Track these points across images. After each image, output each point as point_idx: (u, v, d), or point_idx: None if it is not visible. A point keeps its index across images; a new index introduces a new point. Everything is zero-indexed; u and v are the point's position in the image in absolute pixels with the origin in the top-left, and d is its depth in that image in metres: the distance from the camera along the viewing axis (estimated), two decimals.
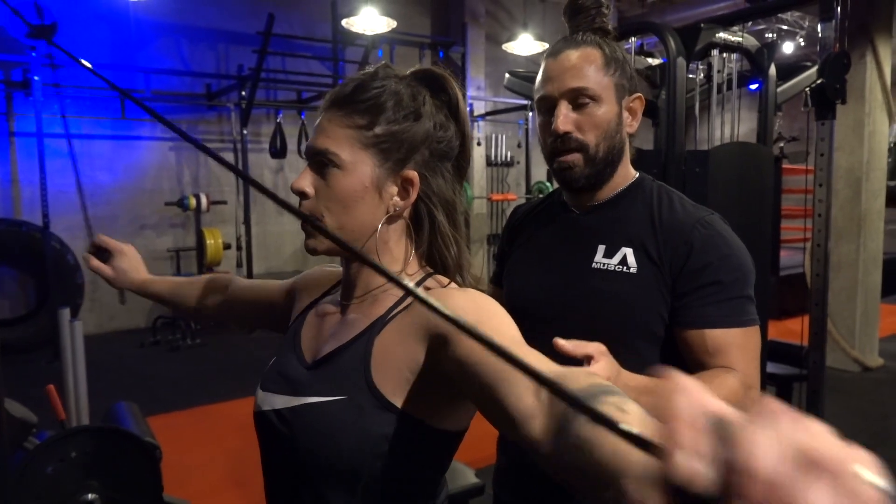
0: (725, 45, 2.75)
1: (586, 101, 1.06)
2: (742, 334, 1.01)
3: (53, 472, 1.17)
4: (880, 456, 0.31)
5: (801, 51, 8.33)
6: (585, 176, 1.09)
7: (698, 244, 1.03)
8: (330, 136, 0.76)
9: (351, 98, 0.77)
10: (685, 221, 1.06)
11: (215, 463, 3.28)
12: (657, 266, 1.05)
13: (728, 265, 1.02)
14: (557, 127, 1.06)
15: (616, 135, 1.09)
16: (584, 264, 1.10)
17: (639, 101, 1.13)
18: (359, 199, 0.76)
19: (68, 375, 2.04)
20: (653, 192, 1.12)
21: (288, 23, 6.89)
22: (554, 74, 1.08)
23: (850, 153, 4.83)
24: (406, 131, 0.77)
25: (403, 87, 0.78)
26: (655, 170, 2.46)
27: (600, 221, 1.13)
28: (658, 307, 1.06)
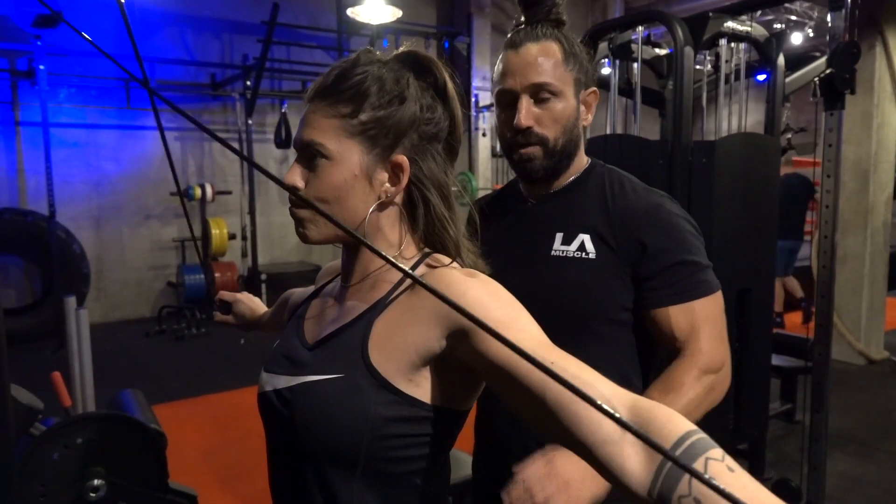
0: (733, 34, 2.72)
1: (547, 96, 1.08)
2: (703, 304, 1.06)
3: (59, 458, 1.18)
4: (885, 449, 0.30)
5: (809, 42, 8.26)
6: (544, 168, 1.12)
7: (653, 231, 1.07)
8: (315, 127, 0.76)
9: (334, 87, 0.76)
10: (637, 208, 1.09)
11: (220, 451, 3.30)
12: (613, 251, 1.09)
13: (684, 245, 1.07)
14: (520, 122, 1.08)
15: (574, 128, 1.12)
16: (543, 252, 1.13)
17: (594, 95, 1.16)
18: (349, 189, 0.76)
19: (74, 363, 2.05)
20: (604, 178, 1.16)
21: (293, 12, 6.87)
22: (515, 68, 1.09)
23: (857, 145, 4.80)
24: (391, 116, 0.76)
25: (386, 72, 0.77)
26: (661, 160, 2.45)
27: (556, 210, 1.16)
28: (618, 291, 1.09)
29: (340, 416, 0.72)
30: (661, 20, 2.55)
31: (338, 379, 0.74)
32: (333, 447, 0.73)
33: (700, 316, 1.06)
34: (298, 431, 0.75)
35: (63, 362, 2.12)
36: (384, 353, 0.73)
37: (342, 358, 0.75)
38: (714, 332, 1.06)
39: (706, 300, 1.07)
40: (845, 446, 3.35)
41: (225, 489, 2.94)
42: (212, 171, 7.01)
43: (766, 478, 2.97)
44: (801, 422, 2.62)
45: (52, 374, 1.58)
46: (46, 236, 5.44)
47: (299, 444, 0.76)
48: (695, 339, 1.05)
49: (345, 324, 0.78)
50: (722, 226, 2.30)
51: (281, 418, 0.78)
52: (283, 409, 0.78)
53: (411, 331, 0.73)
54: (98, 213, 6.43)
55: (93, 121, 6.36)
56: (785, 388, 3.65)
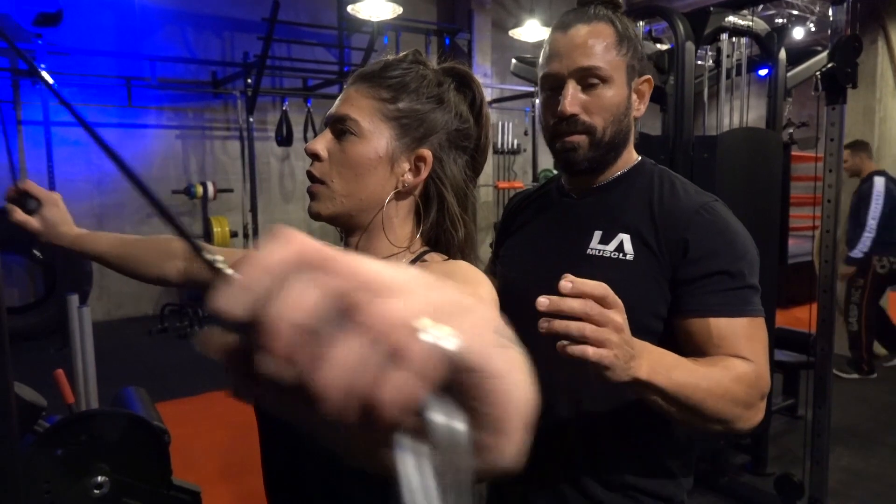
0: (735, 29, 2.72)
1: (595, 81, 0.99)
2: (748, 324, 0.94)
3: (63, 455, 1.18)
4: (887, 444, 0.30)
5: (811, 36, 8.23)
6: (588, 159, 1.03)
7: (701, 231, 0.97)
8: (353, 104, 0.78)
9: (379, 73, 0.79)
10: (686, 208, 1.00)
11: (223, 448, 3.31)
12: (654, 254, 0.99)
13: (733, 253, 0.96)
14: (564, 108, 0.99)
15: (624, 118, 1.03)
16: (578, 250, 1.05)
17: (647, 84, 1.07)
18: (370, 169, 0.77)
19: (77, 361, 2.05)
20: (653, 177, 1.07)
21: (293, 10, 6.86)
22: (563, 50, 1.00)
23: None
24: (428, 112, 0.78)
25: (430, 74, 0.81)
26: (663, 156, 2.44)
27: (597, 206, 1.07)
28: (654, 297, 0.99)
29: None
30: (663, 15, 2.55)
31: None
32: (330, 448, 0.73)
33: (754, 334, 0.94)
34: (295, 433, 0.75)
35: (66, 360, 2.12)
36: None
37: None
38: (767, 356, 0.94)
39: (757, 321, 0.95)
40: (848, 441, 3.35)
41: (228, 485, 2.95)
42: (213, 168, 7.01)
43: (769, 473, 2.98)
44: (803, 417, 2.62)
45: (56, 372, 1.58)
46: None
47: (294, 446, 0.76)
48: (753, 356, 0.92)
49: None
50: None
51: (276, 422, 0.78)
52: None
53: None
54: (100, 211, 6.44)
55: (94, 119, 6.36)
56: (787, 383, 3.65)
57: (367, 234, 0.81)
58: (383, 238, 0.79)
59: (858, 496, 2.86)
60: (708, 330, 0.94)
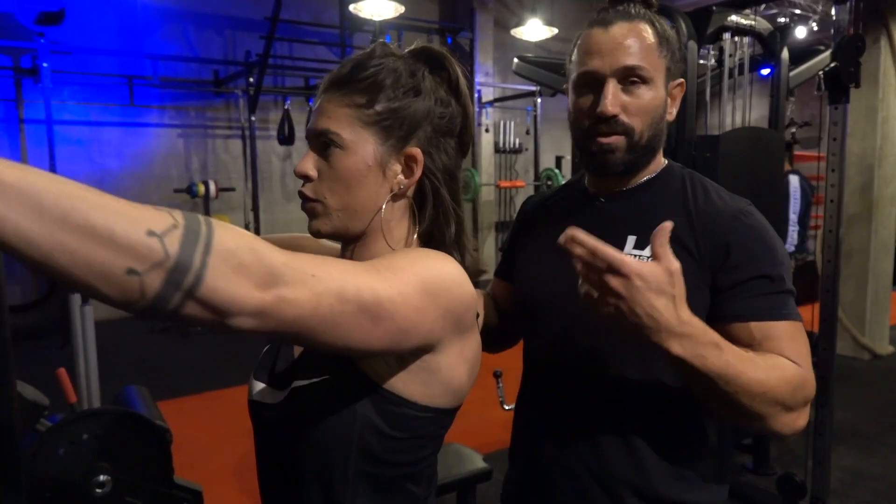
0: (737, 28, 2.71)
1: (637, 81, 0.96)
2: (791, 328, 0.92)
3: (65, 453, 1.18)
4: (889, 443, 0.30)
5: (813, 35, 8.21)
6: (625, 162, 1.00)
7: (742, 237, 0.95)
8: (330, 116, 0.75)
9: (349, 78, 0.76)
10: (724, 212, 0.97)
11: (225, 447, 3.31)
12: (694, 259, 0.95)
13: (773, 259, 0.95)
14: (605, 108, 0.95)
15: (661, 121, 1.01)
16: None
17: (680, 88, 1.04)
18: (362, 179, 0.75)
19: (79, 359, 2.06)
20: (685, 180, 1.04)
21: (295, 8, 6.86)
22: (604, 48, 0.96)
23: (862, 139, 4.78)
24: (407, 108, 0.76)
25: (401, 65, 0.77)
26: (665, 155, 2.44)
27: (629, 210, 1.03)
28: (694, 303, 0.90)
29: (329, 419, 0.71)
30: (665, 14, 2.54)
31: (324, 381, 0.73)
32: (324, 450, 0.72)
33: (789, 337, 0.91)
34: (288, 437, 0.75)
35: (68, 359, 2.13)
36: None
37: (328, 359, 0.74)
38: (806, 357, 0.91)
39: (798, 325, 0.93)
40: (850, 441, 3.34)
41: (230, 484, 2.95)
42: (215, 167, 7.02)
43: (771, 472, 2.97)
44: None
45: (58, 371, 1.58)
46: None
47: (290, 447, 0.75)
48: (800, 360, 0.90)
49: None
50: None
51: (270, 425, 0.78)
52: (271, 416, 0.77)
53: None
54: None
55: (96, 118, 6.36)
56: None
57: (365, 238, 0.80)
58: (381, 241, 0.78)
59: (860, 496, 2.86)
60: (751, 334, 0.92)
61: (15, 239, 0.43)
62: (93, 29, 6.10)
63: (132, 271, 0.47)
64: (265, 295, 0.53)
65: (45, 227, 0.44)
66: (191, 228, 0.50)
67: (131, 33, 6.37)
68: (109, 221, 0.46)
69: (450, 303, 0.69)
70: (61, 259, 0.45)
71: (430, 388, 0.73)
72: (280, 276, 0.54)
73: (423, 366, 0.72)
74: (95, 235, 0.45)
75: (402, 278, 0.65)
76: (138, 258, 0.47)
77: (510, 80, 7.69)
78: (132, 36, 6.38)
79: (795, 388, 0.87)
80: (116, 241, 0.46)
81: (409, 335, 0.65)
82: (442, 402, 0.75)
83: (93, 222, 0.45)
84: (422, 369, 0.72)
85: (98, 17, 6.11)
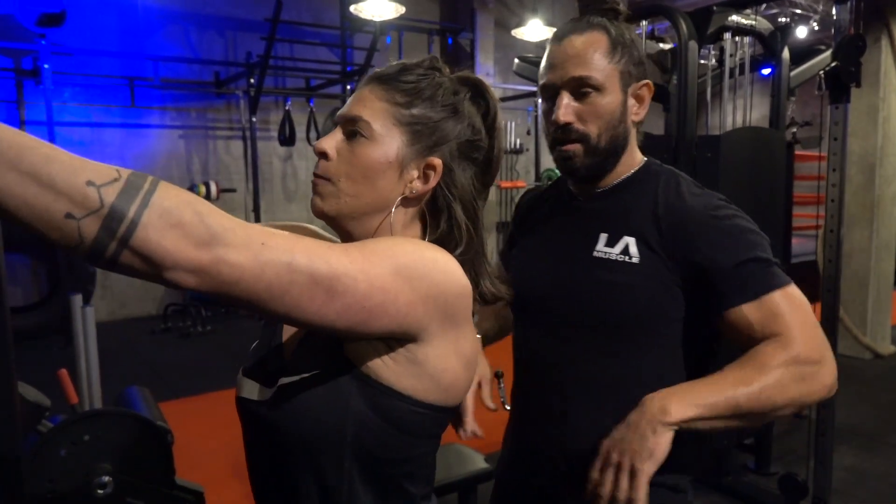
0: (738, 28, 2.71)
1: (588, 90, 1.03)
2: (781, 296, 0.96)
3: (67, 454, 1.18)
4: (891, 443, 0.30)
5: (814, 35, 8.21)
6: (586, 166, 1.06)
7: (713, 234, 1.00)
8: (367, 105, 0.76)
9: (395, 77, 0.78)
10: (691, 212, 1.02)
11: (226, 448, 3.31)
12: (661, 258, 1.01)
13: (746, 245, 0.99)
14: (558, 118, 1.04)
15: (620, 124, 1.06)
16: (585, 253, 1.07)
17: (646, 88, 1.09)
18: (379, 172, 0.75)
19: (81, 360, 2.06)
20: (659, 179, 1.09)
21: (296, 9, 6.86)
22: (557, 61, 1.05)
23: (863, 138, 4.77)
24: (441, 121, 0.78)
25: (447, 82, 0.79)
26: (666, 155, 2.44)
27: (604, 209, 1.10)
28: (661, 299, 1.02)
29: (321, 414, 0.71)
30: (665, 14, 2.54)
31: (315, 376, 0.72)
32: (317, 446, 0.72)
33: (783, 306, 0.96)
34: (279, 434, 0.74)
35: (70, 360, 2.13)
36: (360, 344, 0.71)
37: (318, 354, 0.73)
38: (805, 319, 0.96)
39: (784, 291, 0.97)
40: (851, 440, 3.34)
41: (231, 485, 2.95)
42: (216, 168, 7.02)
43: (772, 472, 2.97)
44: (807, 416, 2.61)
45: (59, 372, 1.58)
46: None
47: (281, 446, 0.75)
48: (784, 328, 0.95)
49: None
50: None
51: (260, 422, 0.77)
52: (261, 412, 0.76)
53: None
54: None
55: (97, 119, 6.37)
56: None
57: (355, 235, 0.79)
58: None
59: (862, 496, 2.86)
60: (744, 318, 0.97)
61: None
62: (94, 30, 6.11)
63: (70, 216, 0.51)
64: (202, 254, 0.55)
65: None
66: (132, 183, 0.54)
67: (132, 35, 6.38)
68: (53, 170, 0.51)
69: (430, 289, 0.68)
70: (8, 200, 0.50)
71: (422, 381, 0.72)
72: (221, 238, 0.56)
73: (410, 357, 0.71)
74: (39, 181, 0.51)
75: (370, 259, 0.65)
76: (75, 204, 0.52)
77: (511, 81, 7.68)
78: (133, 37, 6.38)
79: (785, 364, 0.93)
80: (56, 187, 0.51)
81: (374, 315, 0.65)
82: (435, 397, 0.74)
83: (38, 169, 0.51)
84: (409, 361, 0.71)
85: (99, 19, 6.12)
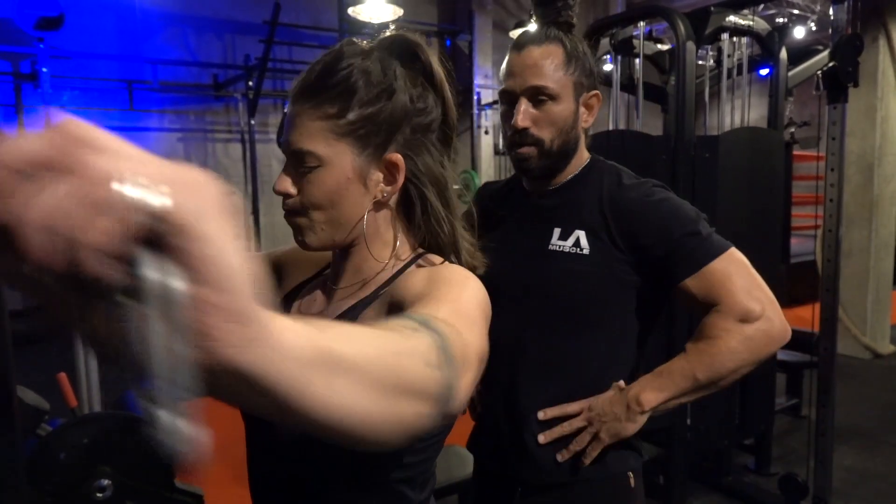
0: (735, 28, 2.72)
1: (545, 98, 1.12)
2: (723, 263, 1.07)
3: (66, 458, 1.18)
4: (891, 442, 0.30)
5: (812, 35, 8.21)
6: (539, 167, 1.17)
7: (651, 215, 1.11)
8: (303, 132, 0.72)
9: (319, 85, 0.72)
10: (630, 199, 1.13)
11: (226, 451, 3.31)
12: (609, 246, 1.13)
13: (680, 222, 1.10)
14: (517, 123, 1.13)
15: (571, 130, 1.16)
16: (541, 246, 1.18)
17: (595, 98, 1.19)
18: (343, 193, 0.72)
19: (80, 364, 2.06)
20: (602, 174, 1.20)
21: (294, 12, 6.87)
22: (516, 70, 1.14)
23: (861, 138, 4.78)
24: (382, 112, 0.72)
25: (371, 63, 0.72)
26: (664, 156, 2.44)
27: (555, 205, 1.20)
28: (613, 283, 1.14)
29: None
30: (663, 15, 2.55)
31: None
32: (316, 451, 0.71)
33: (719, 274, 1.06)
34: (281, 436, 0.73)
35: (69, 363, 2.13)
36: None
37: None
38: (741, 281, 1.06)
39: (720, 259, 1.07)
40: (851, 440, 3.34)
41: (231, 488, 2.95)
42: (215, 171, 6.89)
43: (773, 473, 2.97)
44: (807, 416, 2.62)
45: (58, 375, 1.58)
46: None
47: (281, 447, 0.74)
48: (725, 294, 1.05)
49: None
50: (725, 220, 2.29)
51: (262, 428, 0.77)
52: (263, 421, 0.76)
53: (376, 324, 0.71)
54: None
55: (96, 123, 6.36)
56: (791, 382, 3.64)
57: (353, 247, 0.78)
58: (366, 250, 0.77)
59: (862, 495, 2.86)
60: (689, 290, 1.09)
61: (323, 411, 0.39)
62: (92, 33, 6.11)
63: (422, 414, 0.46)
64: (469, 377, 0.55)
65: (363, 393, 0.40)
66: (441, 347, 0.50)
67: (131, 37, 6.38)
68: (402, 366, 0.44)
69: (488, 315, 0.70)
70: (359, 420, 0.41)
71: None
72: (469, 361, 0.56)
73: None
74: (393, 388, 0.43)
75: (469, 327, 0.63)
76: (428, 400, 0.46)
77: None
78: (132, 40, 6.39)
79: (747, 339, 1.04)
80: (412, 388, 0.44)
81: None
82: None
83: (398, 378, 0.43)
84: None
85: (98, 22, 6.12)
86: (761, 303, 1.05)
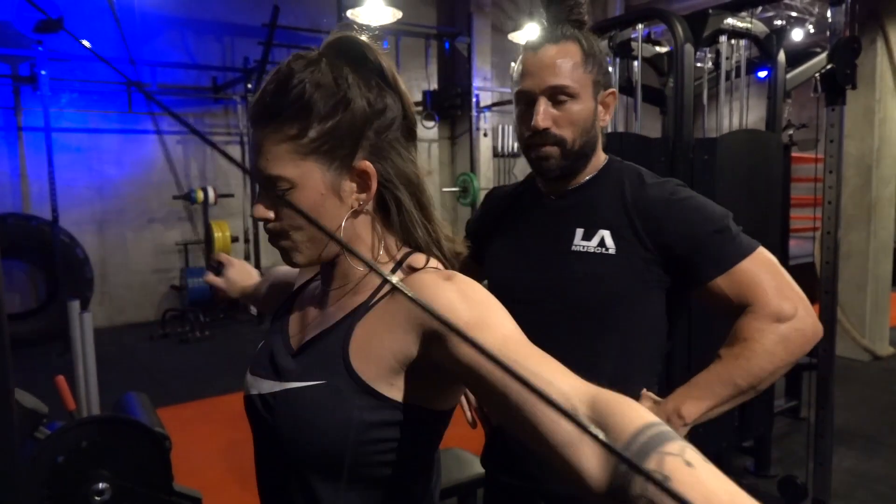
0: (734, 31, 2.72)
1: (564, 98, 1.10)
2: (753, 263, 1.04)
3: (64, 461, 1.18)
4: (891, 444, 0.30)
5: (810, 38, 8.23)
6: (560, 167, 1.14)
7: (678, 214, 1.08)
8: (269, 157, 0.72)
9: (274, 107, 0.72)
10: (655, 198, 1.11)
11: (225, 454, 3.30)
12: (635, 245, 1.10)
13: (709, 219, 1.07)
14: (537, 123, 1.10)
15: (591, 129, 1.14)
16: (563, 248, 1.15)
17: (612, 96, 1.17)
18: (319, 209, 0.73)
19: (78, 367, 2.05)
20: (622, 174, 1.17)
21: (293, 14, 6.88)
22: (534, 69, 1.11)
23: (860, 140, 4.78)
24: (341, 123, 0.72)
25: (322, 75, 0.72)
26: (663, 158, 2.44)
27: (575, 206, 1.17)
28: (640, 283, 1.10)
29: (324, 423, 0.71)
30: (662, 18, 2.55)
31: (320, 386, 0.73)
32: (318, 454, 0.72)
33: (751, 273, 1.04)
34: (283, 438, 0.75)
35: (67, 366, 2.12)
36: (365, 358, 0.72)
37: (324, 364, 0.74)
38: (773, 281, 1.04)
39: (750, 259, 1.05)
40: (851, 442, 3.34)
41: (230, 491, 2.94)
42: (214, 174, 7.02)
43: (772, 475, 2.97)
44: (806, 418, 2.61)
45: (57, 378, 1.58)
46: (50, 241, 5.45)
47: (284, 450, 0.75)
48: (758, 294, 1.03)
49: (326, 328, 0.77)
50: None
51: (265, 424, 0.78)
52: (267, 416, 0.77)
53: (389, 336, 0.71)
54: (101, 217, 6.44)
55: (95, 125, 6.37)
56: (790, 384, 3.65)
57: (339, 258, 0.79)
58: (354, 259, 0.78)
59: (862, 497, 2.86)
60: (720, 290, 1.05)
61: None
62: (91, 36, 6.11)
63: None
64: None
65: None
66: None
67: (130, 40, 6.38)
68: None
69: None
70: None
71: (427, 391, 0.74)
72: None
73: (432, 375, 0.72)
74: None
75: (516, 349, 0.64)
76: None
77: (508, 85, 7.70)
78: (131, 43, 6.39)
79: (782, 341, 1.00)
80: None
81: None
82: (437, 404, 0.76)
83: None
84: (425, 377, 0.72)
85: (97, 25, 6.12)
86: (793, 302, 1.02)
